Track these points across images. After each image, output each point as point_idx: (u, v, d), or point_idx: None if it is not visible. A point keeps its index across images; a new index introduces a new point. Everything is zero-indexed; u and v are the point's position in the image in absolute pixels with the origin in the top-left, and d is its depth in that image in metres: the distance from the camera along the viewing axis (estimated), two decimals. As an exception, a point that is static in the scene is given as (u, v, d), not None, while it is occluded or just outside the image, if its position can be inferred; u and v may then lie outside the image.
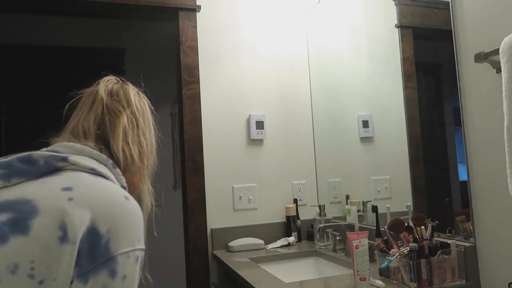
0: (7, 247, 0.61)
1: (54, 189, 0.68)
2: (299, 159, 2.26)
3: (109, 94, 0.91)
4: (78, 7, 2.06)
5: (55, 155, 0.74)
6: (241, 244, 1.99)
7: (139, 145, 0.88)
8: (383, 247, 1.40)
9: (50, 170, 0.72)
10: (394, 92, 1.65)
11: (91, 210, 0.66)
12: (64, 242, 0.62)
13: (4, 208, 0.65)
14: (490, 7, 1.23)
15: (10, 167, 0.71)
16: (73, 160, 0.74)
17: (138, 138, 0.89)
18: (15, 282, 0.59)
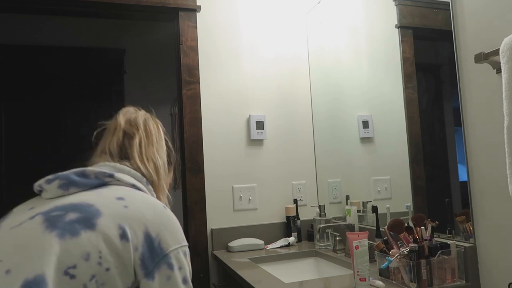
0: (80, 239, 0.77)
1: (110, 198, 0.86)
2: (299, 160, 2.26)
3: (126, 122, 1.08)
4: (79, 7, 2.07)
5: (104, 172, 0.91)
6: (241, 245, 1.99)
7: (153, 161, 1.04)
8: (383, 247, 1.40)
9: (99, 183, 0.90)
10: (394, 93, 1.65)
11: (144, 218, 0.83)
12: (124, 239, 0.79)
13: (72, 209, 0.81)
14: (490, 8, 1.23)
15: (68, 179, 0.88)
16: (118, 177, 0.92)
17: (152, 155, 1.04)
18: (88, 267, 0.75)
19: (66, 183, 0.88)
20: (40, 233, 0.77)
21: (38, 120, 3.14)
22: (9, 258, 0.75)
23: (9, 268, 0.73)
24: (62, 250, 0.75)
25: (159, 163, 1.05)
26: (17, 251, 0.76)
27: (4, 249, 0.77)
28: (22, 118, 3.12)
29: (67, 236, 0.77)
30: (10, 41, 3.13)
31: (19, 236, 0.79)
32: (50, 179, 0.90)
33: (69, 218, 0.79)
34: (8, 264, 0.74)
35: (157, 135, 1.11)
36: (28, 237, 0.78)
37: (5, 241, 0.79)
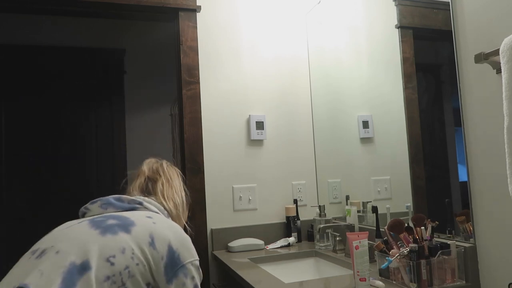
0: (117, 237, 0.98)
1: (141, 215, 1.09)
2: (299, 160, 2.26)
3: (149, 170, 1.34)
4: (79, 7, 2.07)
5: (135, 199, 1.17)
6: (241, 245, 1.99)
7: (172, 200, 1.28)
8: (383, 247, 1.40)
9: (130, 208, 1.14)
10: (394, 93, 1.65)
11: (167, 235, 1.04)
12: (151, 247, 1.00)
13: (112, 217, 1.05)
14: (490, 8, 1.23)
15: (107, 201, 1.14)
16: (146, 205, 1.17)
17: (172, 196, 1.28)
18: (124, 259, 0.95)
19: (105, 203, 1.14)
20: (86, 230, 1.00)
21: (38, 120, 3.14)
22: (59, 244, 0.96)
23: (59, 250, 0.95)
24: (104, 243, 0.96)
25: (177, 202, 1.29)
26: (66, 240, 0.98)
27: (56, 239, 0.99)
28: (22, 118, 3.12)
29: (108, 234, 0.98)
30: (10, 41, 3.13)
31: (68, 232, 1.01)
32: (93, 201, 1.16)
33: (110, 223, 1.02)
34: (58, 247, 0.95)
35: (176, 180, 1.35)
36: (76, 232, 1.00)
37: (56, 235, 1.02)
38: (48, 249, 0.96)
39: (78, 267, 0.91)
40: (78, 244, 0.95)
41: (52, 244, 0.97)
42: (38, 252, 0.97)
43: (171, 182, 1.32)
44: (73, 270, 0.90)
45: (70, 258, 0.92)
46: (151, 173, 1.33)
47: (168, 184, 1.30)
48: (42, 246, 0.99)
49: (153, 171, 1.33)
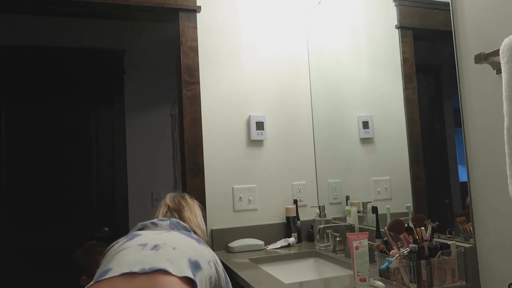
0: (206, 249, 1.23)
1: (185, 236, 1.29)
2: (299, 160, 2.26)
3: (172, 201, 1.51)
4: (79, 7, 2.07)
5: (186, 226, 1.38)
6: (241, 245, 1.99)
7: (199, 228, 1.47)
8: (383, 248, 1.40)
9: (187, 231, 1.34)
10: (394, 93, 1.65)
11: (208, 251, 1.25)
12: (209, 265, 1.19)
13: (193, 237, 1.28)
14: (490, 8, 1.23)
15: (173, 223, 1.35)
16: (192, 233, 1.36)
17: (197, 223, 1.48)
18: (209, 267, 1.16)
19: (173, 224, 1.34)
20: (184, 237, 1.21)
21: (38, 120, 3.14)
22: (171, 243, 1.13)
23: (175, 247, 1.11)
24: (202, 250, 1.17)
25: (203, 229, 1.49)
26: (174, 240, 1.15)
27: (161, 239, 1.14)
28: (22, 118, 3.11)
29: (201, 244, 1.20)
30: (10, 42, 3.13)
31: (168, 236, 1.19)
32: (161, 219, 1.36)
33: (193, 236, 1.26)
34: (172, 244, 1.11)
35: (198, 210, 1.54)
36: (178, 235, 1.21)
37: (157, 237, 1.17)
38: (161, 244, 1.11)
39: (193, 263, 1.09)
40: (186, 246, 1.14)
41: (163, 242, 1.13)
42: (150, 245, 1.11)
43: (193, 211, 1.50)
44: (192, 265, 1.08)
45: (187, 254, 1.10)
46: (174, 205, 1.49)
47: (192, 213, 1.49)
48: (150, 241, 1.14)
49: (175, 203, 1.50)
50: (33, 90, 3.16)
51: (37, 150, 3.10)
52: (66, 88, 3.23)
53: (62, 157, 3.14)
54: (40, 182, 3.07)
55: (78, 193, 3.12)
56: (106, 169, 3.25)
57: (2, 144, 3.07)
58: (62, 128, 3.19)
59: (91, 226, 2.99)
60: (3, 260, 2.91)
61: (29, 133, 3.11)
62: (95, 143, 3.28)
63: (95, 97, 3.30)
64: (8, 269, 2.91)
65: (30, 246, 2.95)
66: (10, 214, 2.99)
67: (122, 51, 3.39)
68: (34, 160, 3.08)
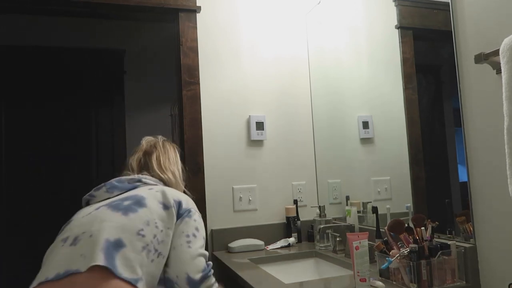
0: (139, 213, 1.15)
1: (145, 190, 1.27)
2: (299, 160, 2.26)
3: (147, 144, 1.50)
4: (79, 7, 2.07)
5: (134, 178, 1.33)
6: (241, 245, 1.99)
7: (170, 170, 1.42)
8: (383, 248, 1.40)
9: (132, 187, 1.30)
10: (394, 93, 1.65)
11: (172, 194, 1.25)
12: (165, 209, 1.21)
13: (126, 199, 1.21)
14: (490, 8, 1.23)
15: (112, 184, 1.30)
16: (145, 180, 1.33)
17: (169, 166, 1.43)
18: (150, 230, 1.13)
19: (111, 187, 1.29)
20: (109, 213, 1.13)
21: (38, 120, 3.14)
22: (90, 228, 1.09)
23: (92, 233, 1.07)
24: (129, 221, 1.12)
25: (176, 172, 1.44)
26: (96, 223, 1.10)
27: (84, 225, 1.11)
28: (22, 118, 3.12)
29: (130, 213, 1.14)
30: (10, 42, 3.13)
31: (92, 217, 1.13)
32: (98, 187, 1.30)
33: (127, 203, 1.17)
34: (90, 231, 1.08)
35: (173, 153, 1.50)
36: (101, 215, 1.13)
37: (81, 221, 1.14)
38: (80, 235, 1.08)
39: (112, 243, 1.05)
40: (108, 225, 1.09)
41: (83, 230, 1.10)
42: (70, 239, 1.09)
43: (167, 154, 1.46)
44: (109, 246, 1.04)
45: (103, 236, 1.05)
46: (148, 147, 1.47)
47: (165, 156, 1.45)
48: (72, 233, 1.11)
49: (150, 146, 1.48)
50: (33, 90, 3.16)
51: (37, 150, 3.10)
52: (66, 88, 3.23)
53: (62, 157, 3.15)
54: (40, 182, 3.07)
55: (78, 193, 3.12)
56: (106, 169, 3.26)
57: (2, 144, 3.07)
58: (62, 128, 3.19)
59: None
60: (3, 260, 2.92)
61: (29, 133, 3.11)
62: (95, 143, 3.28)
63: (95, 97, 3.30)
64: (8, 269, 2.91)
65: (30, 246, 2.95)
66: (10, 214, 2.99)
67: (122, 51, 3.40)
68: (34, 160, 3.08)
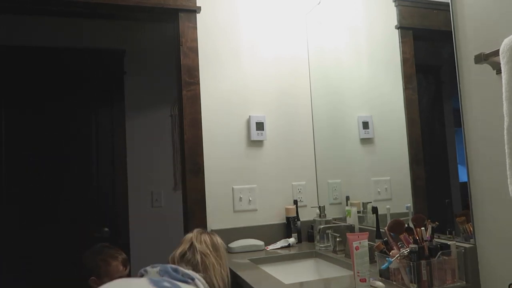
0: None
1: None
2: (299, 160, 2.26)
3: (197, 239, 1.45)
4: (79, 8, 2.07)
5: (190, 274, 1.31)
6: (241, 245, 1.99)
7: (223, 280, 1.41)
8: (383, 248, 1.40)
9: (183, 280, 1.27)
10: (394, 93, 1.65)
11: None
12: None
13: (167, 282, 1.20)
14: (490, 9, 1.23)
15: (166, 268, 1.29)
16: (197, 282, 1.30)
17: (221, 275, 1.42)
18: None
19: (163, 272, 1.28)
20: (147, 285, 1.15)
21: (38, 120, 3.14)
22: None
23: None
24: None
25: (225, 280, 1.42)
26: None
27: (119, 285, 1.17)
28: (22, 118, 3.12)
29: None
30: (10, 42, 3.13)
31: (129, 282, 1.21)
32: (154, 266, 1.31)
33: (165, 285, 1.18)
34: None
35: (225, 255, 1.47)
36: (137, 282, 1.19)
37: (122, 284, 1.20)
38: None
39: None
40: None
41: None
42: None
43: (222, 261, 1.44)
44: None
45: None
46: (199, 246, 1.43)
47: (220, 263, 1.43)
48: None
49: (200, 243, 1.44)
50: (33, 90, 3.16)
51: (37, 150, 3.10)
52: (66, 88, 3.22)
53: (62, 157, 3.14)
54: (40, 182, 3.07)
55: (78, 193, 3.12)
56: (106, 169, 3.25)
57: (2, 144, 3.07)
58: (62, 128, 3.19)
59: (91, 226, 2.99)
60: (3, 260, 2.91)
61: (29, 133, 3.11)
62: (95, 143, 3.28)
63: (95, 97, 3.30)
64: (8, 269, 2.91)
65: (30, 246, 2.95)
66: (10, 214, 2.99)
67: (122, 51, 3.39)
68: (34, 160, 3.08)
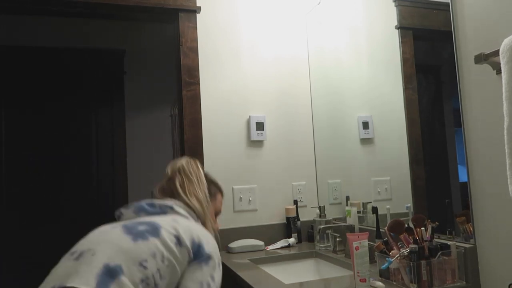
0: (148, 242, 1.08)
1: (168, 220, 1.18)
2: (299, 160, 2.26)
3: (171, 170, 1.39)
4: (79, 8, 2.07)
5: (166, 204, 1.25)
6: (241, 245, 1.99)
7: (195, 196, 1.32)
8: (383, 248, 1.40)
9: (162, 212, 1.23)
10: (394, 93, 1.65)
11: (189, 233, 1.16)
12: (179, 245, 1.12)
13: (142, 224, 1.14)
14: (490, 9, 1.23)
15: (141, 206, 1.24)
16: (176, 208, 1.25)
17: (194, 191, 1.33)
18: (155, 262, 1.06)
19: (139, 209, 1.23)
20: (120, 236, 1.09)
21: (38, 120, 3.14)
22: (96, 247, 1.05)
23: (95, 252, 1.04)
24: (136, 249, 1.06)
25: (200, 197, 1.33)
26: (103, 243, 1.07)
27: (93, 242, 1.09)
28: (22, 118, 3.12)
29: (139, 240, 1.08)
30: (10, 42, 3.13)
31: (104, 236, 1.11)
32: (128, 206, 1.25)
33: (141, 229, 1.12)
34: (94, 249, 1.04)
35: (197, 173, 1.38)
36: (111, 235, 1.10)
37: (93, 238, 1.12)
38: (86, 251, 1.05)
39: (111, 269, 1.00)
40: (112, 248, 1.05)
41: (89, 247, 1.06)
42: (77, 254, 1.06)
43: (191, 178, 1.36)
44: (106, 272, 0.99)
45: (104, 260, 1.01)
46: (172, 173, 1.38)
47: (188, 181, 1.35)
48: (80, 248, 1.08)
49: (173, 170, 1.39)
50: (33, 90, 3.16)
51: (37, 150, 3.10)
52: (66, 88, 3.23)
53: (62, 157, 3.15)
54: (40, 182, 3.07)
55: (78, 193, 3.12)
56: (106, 169, 3.26)
57: (2, 144, 3.07)
58: (62, 128, 3.19)
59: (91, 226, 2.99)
60: (3, 260, 2.92)
61: (29, 133, 3.11)
62: (95, 143, 3.28)
63: (95, 97, 3.30)
64: (8, 269, 2.92)
65: (30, 246, 2.95)
66: (10, 214, 2.99)
67: (122, 51, 3.40)
68: (34, 160, 3.08)
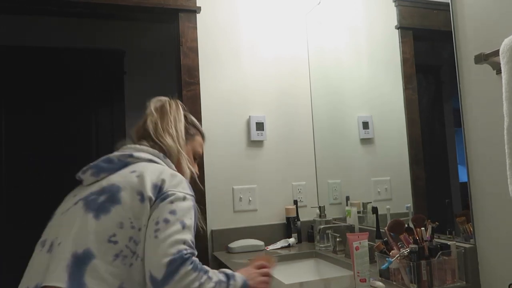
0: (111, 214, 0.98)
1: (126, 174, 1.06)
2: (299, 160, 2.26)
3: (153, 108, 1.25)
4: (79, 8, 2.07)
5: (124, 154, 1.11)
6: (241, 246, 1.99)
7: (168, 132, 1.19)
8: (383, 248, 1.40)
9: (123, 165, 1.09)
10: (394, 94, 1.65)
11: (149, 176, 1.03)
12: (143, 201, 1.00)
13: (102, 192, 1.03)
14: (490, 9, 1.23)
15: (98, 167, 1.09)
16: (137, 155, 1.11)
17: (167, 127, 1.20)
18: (125, 232, 0.97)
19: (96, 170, 1.09)
20: (81, 214, 1.00)
21: (38, 120, 3.14)
22: (60, 235, 0.99)
23: (60, 241, 0.97)
24: (100, 226, 0.97)
25: (173, 133, 1.20)
26: (66, 227, 1.00)
27: (57, 228, 1.03)
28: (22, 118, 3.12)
29: (101, 216, 0.98)
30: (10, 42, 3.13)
31: (67, 217, 1.03)
32: (84, 170, 1.11)
33: (101, 200, 1.01)
34: (60, 238, 0.98)
35: (175, 112, 1.24)
36: (73, 217, 1.01)
37: (59, 223, 1.05)
38: (54, 241, 1.00)
39: (80, 256, 0.93)
40: (77, 232, 0.97)
41: (56, 235, 1.01)
42: (47, 245, 1.01)
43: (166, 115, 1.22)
44: (75, 262, 0.92)
45: (70, 249, 0.94)
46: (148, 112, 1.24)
47: (162, 119, 1.21)
48: (49, 236, 1.03)
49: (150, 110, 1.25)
50: (33, 90, 3.16)
51: (37, 150, 3.10)
52: (66, 88, 3.23)
53: (62, 157, 3.14)
54: (40, 182, 3.07)
55: (78, 193, 3.12)
56: (106, 169, 3.25)
57: (2, 144, 3.07)
58: (62, 128, 3.19)
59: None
60: (3, 260, 2.91)
61: (29, 133, 3.11)
62: (95, 143, 3.28)
63: (95, 97, 3.30)
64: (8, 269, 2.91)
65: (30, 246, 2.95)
66: (10, 214, 2.99)
67: (122, 51, 3.39)
68: (34, 160, 3.08)
